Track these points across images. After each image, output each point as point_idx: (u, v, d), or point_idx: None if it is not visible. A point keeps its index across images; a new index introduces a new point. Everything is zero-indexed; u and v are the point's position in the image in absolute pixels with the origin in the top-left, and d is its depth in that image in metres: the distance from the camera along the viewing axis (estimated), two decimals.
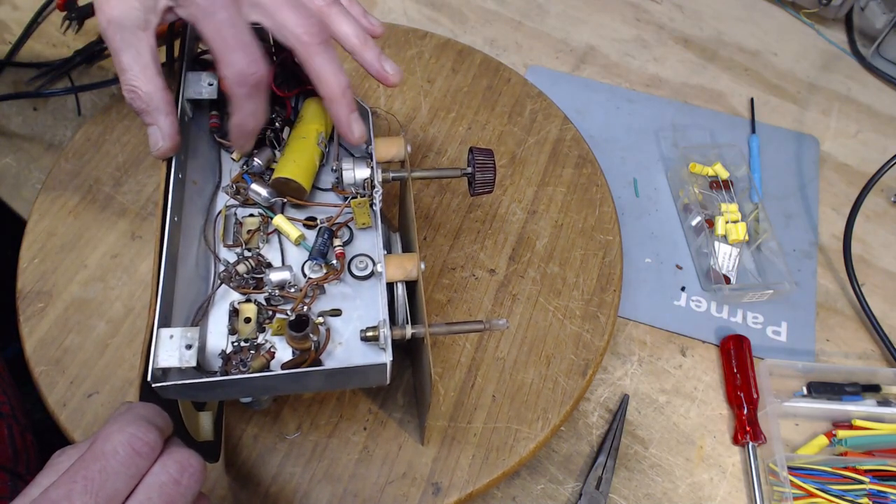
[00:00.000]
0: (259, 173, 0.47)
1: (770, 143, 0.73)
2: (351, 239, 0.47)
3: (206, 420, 0.43)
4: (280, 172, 0.45)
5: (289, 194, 0.46)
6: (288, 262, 0.45)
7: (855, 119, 0.76)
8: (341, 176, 0.46)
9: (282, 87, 0.48)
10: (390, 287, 0.43)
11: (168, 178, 0.42)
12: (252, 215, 0.47)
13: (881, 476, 0.53)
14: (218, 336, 0.42)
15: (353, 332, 0.43)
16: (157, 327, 0.37)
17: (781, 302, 0.62)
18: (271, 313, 0.43)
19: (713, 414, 0.57)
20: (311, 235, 0.46)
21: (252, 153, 0.47)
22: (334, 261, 0.45)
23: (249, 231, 0.46)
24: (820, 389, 0.57)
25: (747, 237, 0.64)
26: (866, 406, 0.56)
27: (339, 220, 0.46)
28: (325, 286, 0.44)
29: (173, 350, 0.37)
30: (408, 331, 0.41)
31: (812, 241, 0.67)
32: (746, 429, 0.54)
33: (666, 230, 0.66)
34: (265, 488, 0.47)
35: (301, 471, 0.48)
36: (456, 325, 0.42)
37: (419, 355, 0.44)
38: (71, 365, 0.51)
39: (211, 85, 0.46)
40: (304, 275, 0.45)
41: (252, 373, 0.39)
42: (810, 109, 0.76)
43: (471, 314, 0.55)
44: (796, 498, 0.52)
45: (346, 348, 0.43)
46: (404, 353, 0.53)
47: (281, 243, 0.46)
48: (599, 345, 0.54)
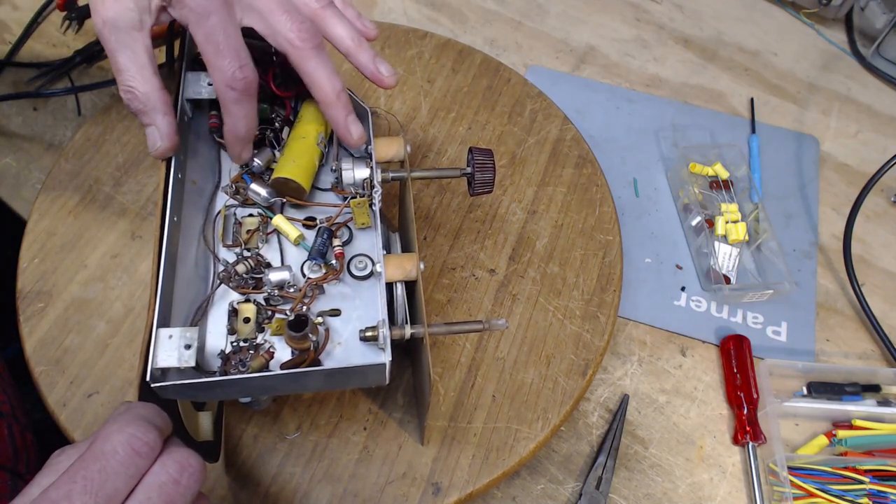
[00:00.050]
0: (258, 173, 0.47)
1: (770, 143, 0.73)
2: (350, 239, 0.47)
3: (206, 420, 0.43)
4: (279, 172, 0.45)
5: (288, 194, 0.46)
6: (287, 262, 0.45)
7: (855, 119, 0.76)
8: (341, 176, 0.46)
9: (281, 88, 0.48)
10: (389, 287, 0.43)
11: (167, 178, 0.42)
12: (251, 215, 0.47)
13: (881, 476, 0.53)
14: (217, 336, 0.42)
15: (353, 332, 0.43)
16: (157, 327, 0.37)
17: (781, 302, 0.62)
18: (270, 313, 0.43)
19: (713, 414, 0.57)
20: (311, 235, 0.46)
21: (251, 155, 0.47)
22: (333, 261, 0.45)
23: (249, 231, 0.46)
24: (820, 389, 0.57)
25: (747, 237, 0.64)
26: (866, 406, 0.56)
27: (339, 220, 0.46)
28: (325, 286, 0.44)
29: (172, 350, 0.37)
30: (407, 331, 0.41)
31: (812, 241, 0.66)
32: (746, 429, 0.54)
33: (666, 230, 0.66)
34: (265, 488, 0.47)
35: (301, 471, 0.48)
36: (455, 326, 0.42)
37: (419, 355, 0.44)
38: (71, 365, 0.51)
39: (210, 85, 0.46)
40: (304, 275, 0.45)
41: (251, 373, 0.39)
42: (810, 109, 0.76)
43: (471, 314, 0.55)
44: (796, 498, 0.52)
45: (346, 348, 0.43)
46: (404, 353, 0.53)
47: (280, 243, 0.46)
48: (599, 345, 0.54)
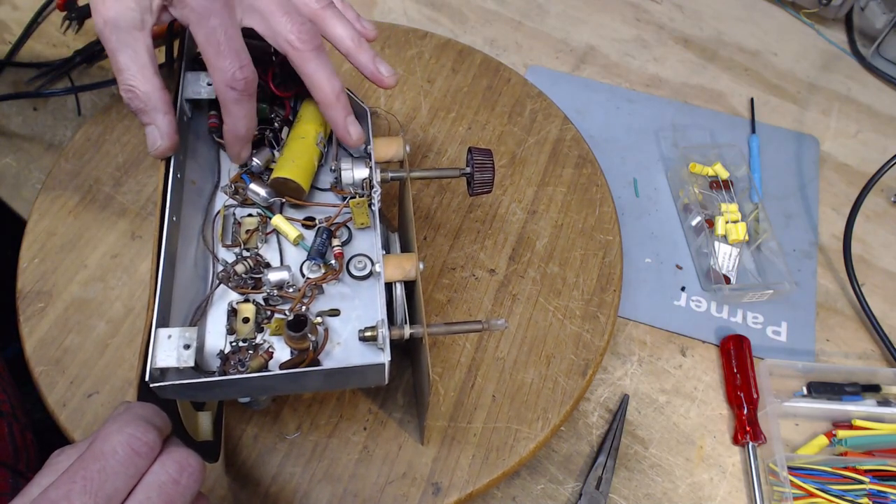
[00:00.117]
0: (258, 173, 0.47)
1: (770, 143, 0.73)
2: (349, 239, 0.47)
3: (206, 420, 0.43)
4: (279, 172, 0.45)
5: (287, 194, 0.46)
6: (286, 262, 0.45)
7: (855, 119, 0.76)
8: (340, 176, 0.46)
9: (281, 88, 0.48)
10: (389, 287, 0.43)
11: (166, 178, 0.42)
12: (251, 215, 0.47)
13: (881, 476, 0.52)
14: (216, 336, 0.42)
15: (352, 332, 0.43)
16: (156, 327, 0.37)
17: (781, 302, 0.62)
18: (270, 313, 0.43)
19: (713, 414, 0.57)
20: (310, 235, 0.46)
21: (250, 155, 0.47)
22: (333, 261, 0.45)
23: (248, 231, 0.46)
24: (820, 389, 0.57)
25: (747, 237, 0.63)
26: (866, 406, 0.56)
27: (338, 220, 0.46)
28: (324, 286, 0.44)
29: (171, 350, 0.37)
30: (406, 331, 0.41)
31: (812, 241, 0.66)
32: (746, 429, 0.54)
33: (666, 230, 0.66)
34: (265, 488, 0.47)
35: (301, 471, 0.48)
36: (455, 326, 0.42)
37: (418, 355, 0.44)
38: (71, 365, 0.51)
39: (210, 85, 0.46)
40: (303, 275, 0.45)
41: (250, 373, 0.39)
42: (810, 109, 0.76)
43: (471, 314, 0.55)
44: (796, 498, 0.51)
45: (345, 348, 0.43)
46: (403, 353, 0.53)
47: (279, 243, 0.46)
48: (599, 345, 0.54)
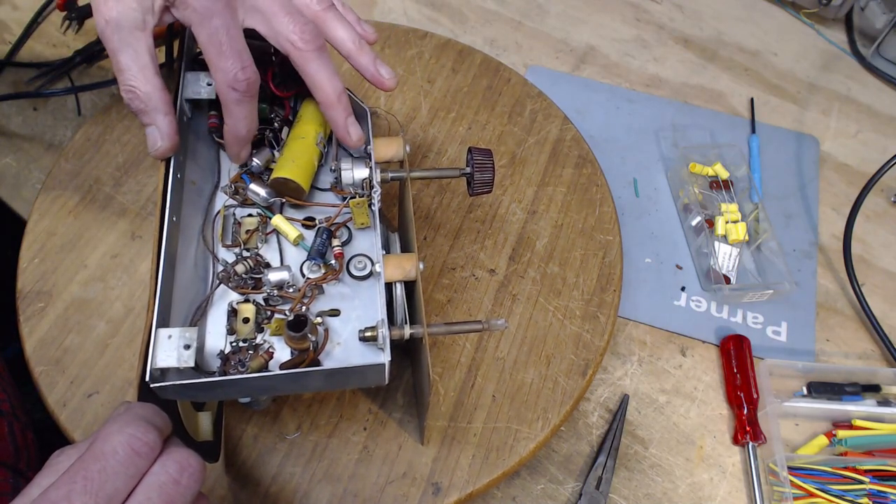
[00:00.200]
0: (258, 173, 0.47)
1: (770, 143, 0.73)
2: (349, 239, 0.47)
3: (206, 420, 0.43)
4: (279, 172, 0.45)
5: (287, 194, 0.46)
6: (286, 263, 0.45)
7: (855, 119, 0.76)
8: (340, 176, 0.46)
9: (281, 88, 0.48)
10: (389, 287, 0.43)
11: (166, 179, 0.42)
12: (251, 215, 0.47)
13: (881, 476, 0.52)
14: (216, 336, 0.42)
15: (352, 333, 0.43)
16: (156, 327, 0.37)
17: (781, 302, 0.62)
18: (270, 313, 0.43)
19: (713, 414, 0.57)
20: (310, 235, 0.46)
21: (251, 153, 0.47)
22: (333, 261, 0.45)
23: (248, 231, 0.46)
24: (820, 389, 0.57)
25: (747, 237, 0.63)
26: (866, 406, 0.56)
27: (338, 221, 0.46)
28: (324, 286, 0.44)
29: (171, 350, 0.37)
30: (406, 331, 0.41)
31: (812, 241, 0.66)
32: (746, 429, 0.54)
33: (666, 230, 0.66)
34: (265, 488, 0.47)
35: (301, 471, 0.48)
36: (455, 326, 0.42)
37: (418, 355, 0.44)
38: (71, 365, 0.51)
39: (210, 85, 0.46)
40: (303, 275, 0.45)
41: (250, 373, 0.39)
42: (810, 109, 0.76)
43: (471, 314, 0.55)
44: (796, 498, 0.51)
45: (345, 348, 0.43)
46: (404, 354, 0.53)
47: (279, 243, 0.46)
48: (599, 345, 0.54)
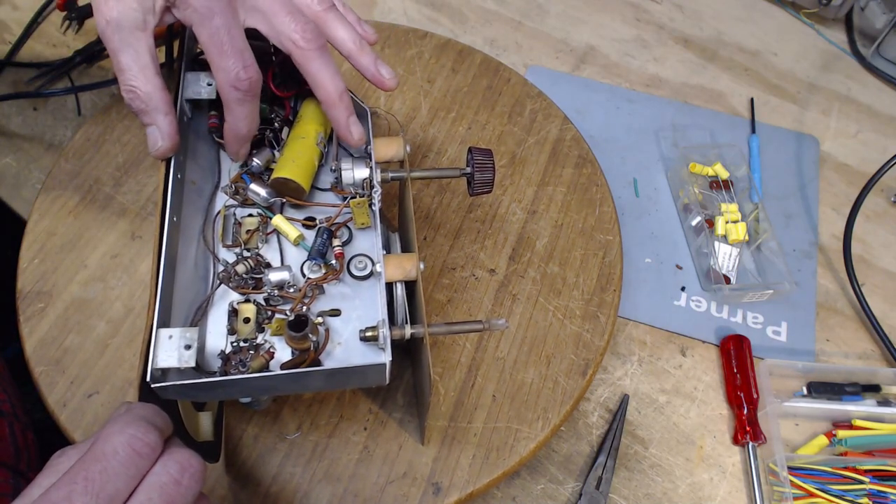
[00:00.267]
0: (258, 173, 0.47)
1: (770, 143, 0.73)
2: (350, 239, 0.47)
3: (206, 420, 0.43)
4: (279, 172, 0.45)
5: (288, 194, 0.46)
6: (287, 263, 0.45)
7: (855, 119, 0.76)
8: (340, 176, 0.46)
9: (281, 88, 0.48)
10: (389, 287, 0.43)
11: (167, 179, 0.42)
12: (251, 215, 0.47)
13: (881, 476, 0.53)
14: (217, 336, 0.42)
15: (353, 333, 0.43)
16: (157, 327, 0.37)
17: (781, 302, 0.62)
18: (270, 313, 0.43)
19: (713, 414, 0.57)
20: (310, 235, 0.46)
21: (251, 153, 0.47)
22: (333, 261, 0.45)
23: (248, 231, 0.46)
24: (820, 389, 0.57)
25: (747, 237, 0.64)
26: (866, 406, 0.56)
27: (339, 221, 0.46)
28: (325, 286, 0.44)
29: (172, 350, 0.37)
30: (407, 331, 0.41)
31: (812, 241, 0.66)
32: (746, 429, 0.54)
33: (666, 230, 0.66)
34: (265, 488, 0.47)
35: (301, 471, 0.48)
36: (455, 325, 0.42)
37: (419, 355, 0.44)
38: (71, 365, 0.51)
39: (210, 85, 0.46)
40: (304, 275, 0.45)
41: (251, 373, 0.39)
42: (810, 109, 0.76)
43: (471, 314, 0.55)
44: (796, 498, 0.52)
45: (346, 348, 0.43)
46: (404, 353, 0.53)
47: (280, 243, 0.46)
48: (599, 345, 0.54)
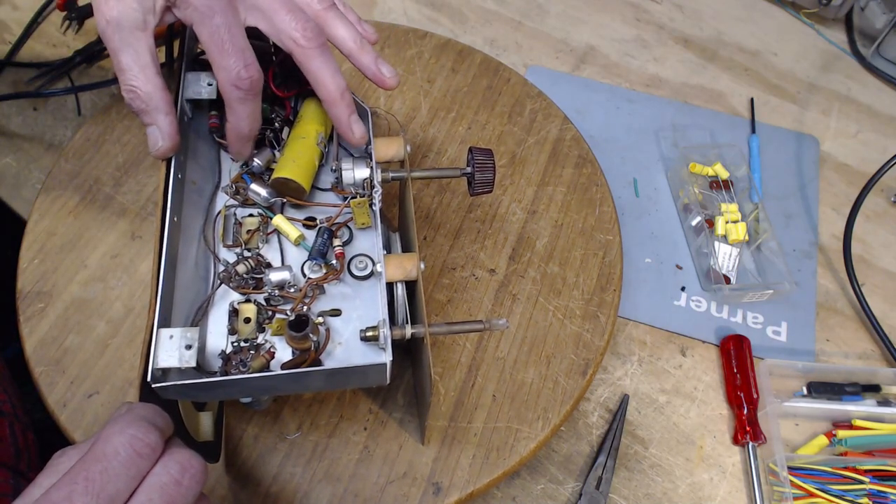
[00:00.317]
0: (258, 173, 0.47)
1: (770, 143, 0.73)
2: (350, 239, 0.47)
3: (207, 420, 0.43)
4: (279, 172, 0.45)
5: (288, 194, 0.46)
6: (287, 263, 0.45)
7: (855, 119, 0.76)
8: (341, 176, 0.46)
9: (281, 88, 0.48)
10: (390, 287, 0.43)
11: (167, 179, 0.42)
12: (251, 215, 0.47)
13: (881, 476, 0.53)
14: (218, 336, 0.42)
15: (353, 332, 0.43)
16: (157, 327, 0.37)
17: (781, 302, 0.62)
18: (271, 313, 0.43)
19: (713, 414, 0.57)
20: (311, 235, 0.46)
21: (251, 153, 0.47)
22: (334, 261, 0.45)
23: (249, 231, 0.46)
24: (820, 389, 0.57)
25: (747, 237, 0.64)
26: (866, 406, 0.56)
27: (339, 220, 0.46)
28: (325, 286, 0.44)
29: (173, 350, 0.37)
30: (407, 331, 0.41)
31: (812, 241, 0.67)
32: (746, 429, 0.54)
33: (666, 230, 0.66)
34: (265, 488, 0.47)
35: (301, 471, 0.48)
36: (456, 325, 0.42)
37: (419, 355, 0.44)
38: (71, 365, 0.51)
39: (210, 85, 0.46)
40: (304, 275, 0.45)
41: (252, 373, 0.39)
42: (810, 109, 0.76)
43: (471, 314, 0.55)
44: (796, 498, 0.52)
45: (346, 348, 0.43)
46: (404, 353, 0.53)
47: (280, 243, 0.46)
48: (599, 345, 0.54)
